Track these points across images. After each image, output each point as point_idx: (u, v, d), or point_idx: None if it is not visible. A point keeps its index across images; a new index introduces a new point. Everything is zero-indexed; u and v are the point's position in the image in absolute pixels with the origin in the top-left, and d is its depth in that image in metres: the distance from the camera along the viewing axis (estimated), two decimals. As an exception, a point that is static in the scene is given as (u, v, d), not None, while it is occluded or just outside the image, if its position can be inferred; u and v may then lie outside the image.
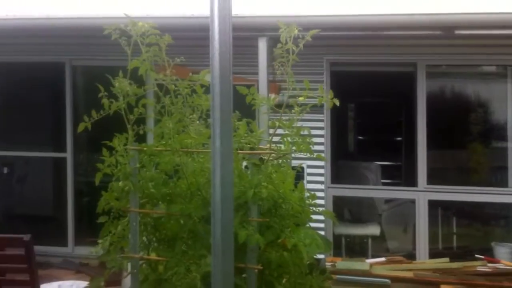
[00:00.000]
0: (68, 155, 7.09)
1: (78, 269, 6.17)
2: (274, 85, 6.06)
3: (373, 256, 6.16)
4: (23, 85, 7.68)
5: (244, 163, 2.57)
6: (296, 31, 2.12)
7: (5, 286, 3.90)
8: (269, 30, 5.57)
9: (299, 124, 2.49)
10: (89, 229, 7.29)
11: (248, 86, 2.42)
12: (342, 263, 4.65)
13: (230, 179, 1.73)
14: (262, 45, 5.58)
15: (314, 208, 2.72)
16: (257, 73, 5.60)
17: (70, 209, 7.12)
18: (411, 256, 6.28)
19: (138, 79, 2.47)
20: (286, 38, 2.15)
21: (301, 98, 2.52)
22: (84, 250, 6.99)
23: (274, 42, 5.84)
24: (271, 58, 5.91)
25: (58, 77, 7.09)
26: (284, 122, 2.37)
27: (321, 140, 6.30)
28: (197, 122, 2.53)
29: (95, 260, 6.42)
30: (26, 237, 3.27)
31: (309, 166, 6.15)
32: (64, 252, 6.99)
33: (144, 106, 2.36)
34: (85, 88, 7.35)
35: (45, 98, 7.84)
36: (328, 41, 5.98)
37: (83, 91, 7.28)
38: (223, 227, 1.70)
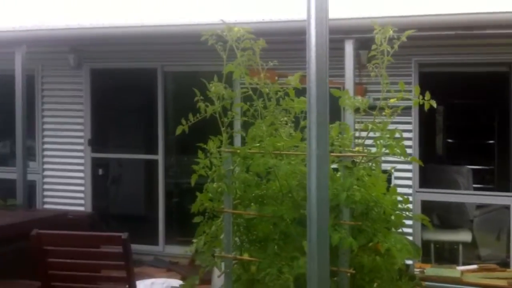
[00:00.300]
0: (160, 157, 7.35)
1: (168, 267, 6.38)
2: (360, 88, 6.00)
3: (464, 264, 5.92)
4: (119, 90, 8.08)
5: (333, 166, 2.56)
6: (391, 32, 2.10)
7: (101, 282, 4.11)
8: (355, 32, 5.52)
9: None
10: (178, 229, 7.55)
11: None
12: (432, 270, 4.52)
13: (326, 182, 1.73)
14: (349, 48, 5.54)
15: (406, 213, 2.68)
16: (342, 76, 5.56)
17: (161, 209, 7.37)
18: (505, 264, 6.00)
19: (228, 83, 2.53)
20: (381, 40, 2.13)
21: (392, 100, 2.49)
22: (174, 249, 7.23)
23: (360, 44, 5.84)
24: (356, 60, 5.85)
25: (151, 83, 7.38)
26: (378, 124, 2.35)
27: (409, 143, 6.15)
28: (288, 125, 2.56)
29: (184, 259, 6.63)
30: (124, 235, 3.43)
31: (396, 170, 6.00)
32: (155, 250, 7.24)
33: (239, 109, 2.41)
34: (175, 93, 7.62)
35: (139, 103, 8.20)
36: (417, 42, 5.82)
37: (174, 96, 7.55)
38: (319, 229, 1.71)
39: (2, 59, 7.49)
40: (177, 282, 4.53)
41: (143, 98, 8.04)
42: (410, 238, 4.73)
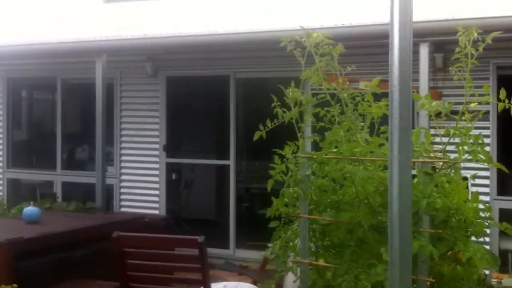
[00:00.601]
0: (231, 162, 7.45)
1: (239, 271, 6.44)
2: (435, 92, 5.83)
3: (543, 275, 5.62)
4: (193, 97, 8.28)
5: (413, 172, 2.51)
6: (475, 34, 2.04)
7: (177, 284, 4.20)
8: (430, 35, 5.39)
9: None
10: (249, 233, 7.61)
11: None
12: (509, 280, 4.37)
13: (409, 188, 1.70)
14: (424, 51, 5.42)
15: (487, 221, 2.59)
16: (416, 80, 5.43)
17: (232, 213, 7.46)
18: None
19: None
20: (465, 42, 2.07)
21: (473, 105, 2.42)
22: (244, 253, 7.29)
23: (435, 47, 5.68)
24: (431, 63, 5.71)
25: (223, 89, 7.51)
26: (460, 129, 2.28)
27: (488, 148, 5.92)
28: (364, 130, 2.53)
29: (254, 263, 6.67)
30: (200, 238, 3.49)
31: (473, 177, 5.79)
32: (226, 254, 7.32)
33: (314, 115, 2.41)
34: (247, 99, 7.70)
35: (212, 109, 8.37)
36: (496, 44, 5.60)
37: (245, 102, 7.63)
38: (401, 236, 1.68)
39: (83, 68, 7.87)
40: (249, 286, 4.56)
41: (216, 104, 8.19)
42: (487, 247, 4.54)
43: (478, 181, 5.73)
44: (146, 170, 7.85)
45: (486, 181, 6.03)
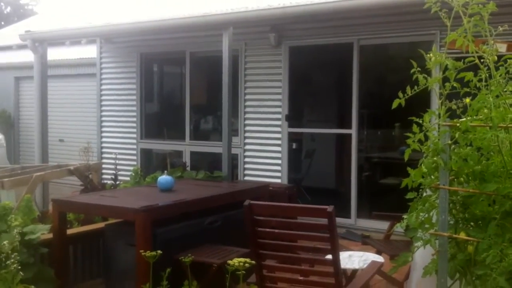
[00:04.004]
0: (353, 131, 7.34)
1: (364, 241, 6.36)
2: None
3: None
4: (315, 66, 8.25)
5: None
6: None
7: (305, 252, 4.23)
8: None
9: None
10: (370, 203, 7.51)
11: None
12: None
13: None
14: None
15: None
16: None
17: (354, 183, 7.39)
18: None
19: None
20: None
21: None
22: (365, 223, 7.22)
23: None
24: None
25: (346, 57, 7.38)
26: None
27: None
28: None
29: (376, 233, 6.57)
30: (330, 208, 3.47)
31: None
32: (347, 223, 7.29)
33: (459, 80, 2.26)
34: (370, 67, 7.51)
35: (334, 78, 8.29)
36: None
37: (368, 70, 7.45)
38: None
39: (209, 41, 8.11)
40: (374, 256, 4.48)
41: (338, 72, 8.08)
42: None
43: None
44: (268, 140, 7.98)
45: None
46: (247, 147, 8.18)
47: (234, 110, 7.82)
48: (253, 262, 3.27)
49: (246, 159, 8.19)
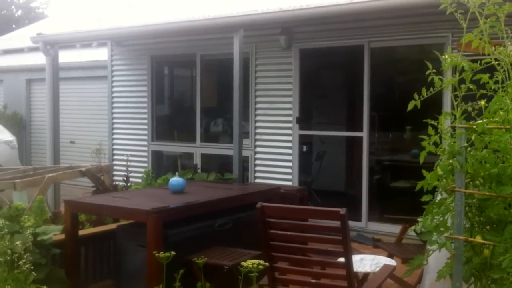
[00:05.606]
0: (364, 134, 7.31)
1: (375, 244, 6.33)
2: None
3: None
4: (325, 69, 8.24)
5: None
6: None
7: (317, 254, 4.21)
8: None
9: None
10: (381, 206, 7.47)
11: None
12: None
13: None
14: None
15: None
16: None
17: (365, 185, 7.35)
18: None
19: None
20: None
21: None
22: (376, 226, 7.19)
23: None
24: None
25: (356, 60, 7.35)
26: None
27: None
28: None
29: (387, 236, 6.53)
30: (342, 210, 3.45)
31: None
32: (358, 226, 7.26)
33: (474, 82, 2.25)
34: (381, 69, 7.48)
35: (344, 80, 8.26)
36: None
37: (379, 72, 7.42)
38: None
39: (220, 44, 8.12)
40: (386, 259, 4.45)
41: (349, 75, 8.06)
42: None
43: None
44: (279, 142, 7.97)
45: None
46: (258, 149, 8.18)
47: (245, 112, 7.82)
48: (266, 264, 3.26)
49: (257, 161, 8.19)
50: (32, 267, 3.66)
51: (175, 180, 5.28)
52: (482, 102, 2.36)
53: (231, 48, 7.02)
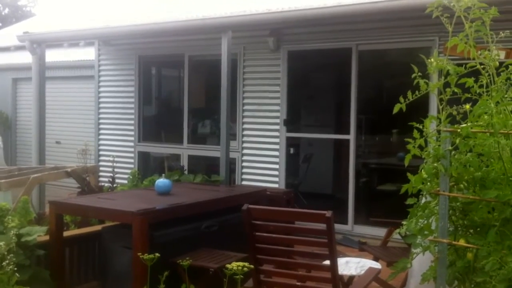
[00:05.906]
0: (351, 137, 7.33)
1: (361, 247, 6.35)
2: None
3: None
4: (313, 71, 8.25)
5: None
6: None
7: (303, 257, 4.21)
8: None
9: None
10: (367, 210, 7.50)
11: None
12: None
13: None
14: None
15: None
16: None
17: (351, 188, 7.37)
18: None
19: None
20: None
21: None
22: (362, 229, 7.21)
23: None
24: None
25: (344, 62, 7.38)
26: None
27: None
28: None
29: (373, 240, 6.56)
30: (328, 213, 3.45)
31: None
32: (344, 229, 7.27)
33: (459, 86, 2.26)
34: (368, 72, 7.51)
35: (332, 82, 8.29)
36: None
37: (367, 75, 7.45)
38: None
39: (208, 45, 8.10)
40: (371, 262, 4.47)
41: (337, 78, 8.09)
42: None
43: None
44: (266, 144, 7.97)
45: None
46: (245, 151, 8.17)
47: (233, 114, 7.81)
48: (252, 266, 3.25)
49: (244, 163, 8.18)
50: (15, 268, 3.62)
51: (162, 181, 5.26)
52: (467, 106, 2.38)
53: (220, 49, 7.01)
